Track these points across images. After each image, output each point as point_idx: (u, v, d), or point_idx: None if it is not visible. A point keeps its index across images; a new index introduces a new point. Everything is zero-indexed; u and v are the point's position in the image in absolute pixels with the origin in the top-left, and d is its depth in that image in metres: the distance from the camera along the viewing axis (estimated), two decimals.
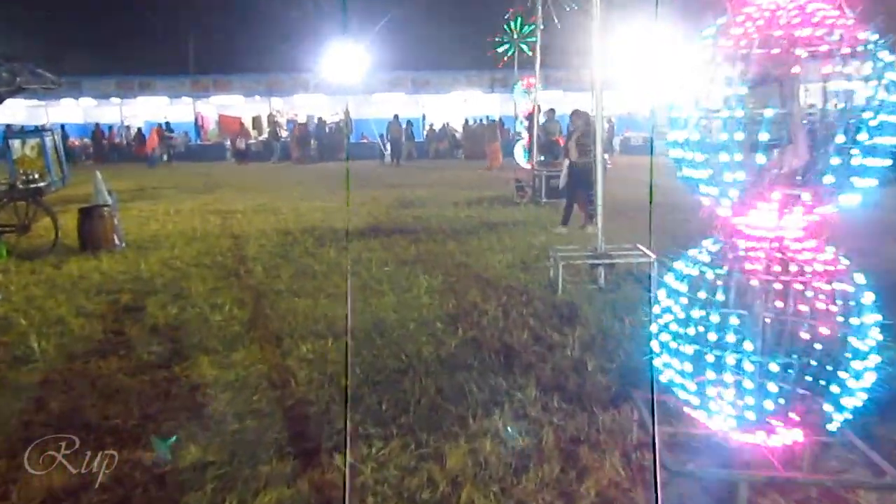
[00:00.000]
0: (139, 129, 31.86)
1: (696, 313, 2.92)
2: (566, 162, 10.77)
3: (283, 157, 29.88)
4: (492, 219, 11.78)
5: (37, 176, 8.62)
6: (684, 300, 2.97)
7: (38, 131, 9.08)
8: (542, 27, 15.23)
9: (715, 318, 2.83)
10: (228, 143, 32.11)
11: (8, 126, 27.81)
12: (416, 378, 4.67)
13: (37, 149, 8.80)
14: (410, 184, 17.91)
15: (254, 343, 5.45)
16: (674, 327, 3.04)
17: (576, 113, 10.72)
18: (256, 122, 33.78)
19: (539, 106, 16.62)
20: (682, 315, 2.99)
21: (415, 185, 17.40)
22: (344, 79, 28.75)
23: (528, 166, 17.24)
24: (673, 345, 3.04)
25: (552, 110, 19.66)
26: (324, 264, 8.29)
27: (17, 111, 33.18)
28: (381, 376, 4.73)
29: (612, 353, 5.06)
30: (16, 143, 8.83)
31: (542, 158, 15.12)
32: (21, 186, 8.50)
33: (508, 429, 3.93)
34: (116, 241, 9.22)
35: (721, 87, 2.76)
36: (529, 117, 17.87)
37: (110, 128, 33.18)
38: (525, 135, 18.77)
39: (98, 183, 9.36)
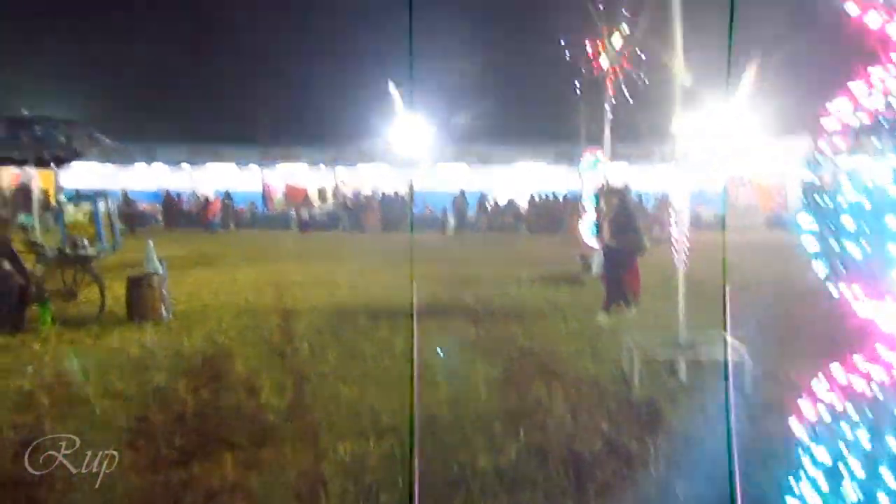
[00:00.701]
0: (206, 197, 32.48)
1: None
2: (600, 244, 10.07)
3: (346, 227, 29.91)
4: (557, 299, 11.04)
5: (86, 242, 8.38)
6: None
7: (91, 196, 8.88)
8: (612, 101, 14.67)
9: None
10: (293, 211, 32.41)
11: (60, 189, 28.88)
12: (469, 496, 3.94)
13: (88, 214, 8.60)
14: (472, 258, 17.35)
15: (286, 439, 4.82)
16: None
17: (609, 190, 10.00)
18: (321, 191, 34.12)
19: (607, 180, 15.99)
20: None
21: (476, 260, 16.84)
22: (408, 150, 28.88)
23: (596, 242, 16.52)
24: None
25: (626, 185, 19.07)
26: (375, 345, 7.68)
27: (90, 175, 34.39)
28: (429, 492, 4.01)
29: (707, 473, 4.22)
30: (69, 208, 8.66)
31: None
32: (69, 252, 8.25)
33: None
34: (163, 312, 8.85)
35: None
36: (597, 191, 17.23)
37: (179, 194, 33.94)
38: (591, 209, 18.08)
39: (149, 251, 9.08)
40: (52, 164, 9.27)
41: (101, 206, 8.76)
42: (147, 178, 34.92)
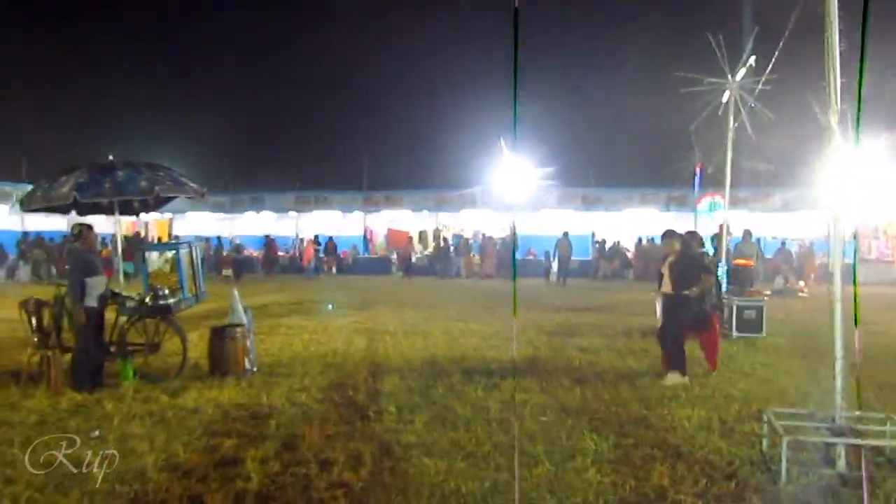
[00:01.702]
0: (301, 241, 32.85)
1: None
2: (660, 294, 8.84)
3: (447, 272, 29.43)
4: None
5: (167, 292, 8.02)
6: None
7: (174, 244, 8.57)
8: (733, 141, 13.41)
9: None
10: (395, 256, 32.25)
11: (174, 237, 29.48)
12: None
13: (171, 262, 8.27)
14: (576, 307, 16.24)
15: None
16: None
17: (669, 233, 8.77)
18: (423, 236, 33.87)
19: (727, 226, 14.67)
20: None
21: (581, 309, 15.75)
22: (511, 195, 28.22)
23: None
24: None
25: (748, 231, 17.58)
26: (468, 407, 6.86)
27: (204, 223, 35.56)
28: None
29: None
30: (153, 256, 8.36)
31: (732, 285, 13.03)
32: (150, 303, 7.90)
33: None
34: (247, 365, 8.36)
35: None
36: (714, 238, 15.90)
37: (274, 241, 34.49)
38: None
39: (234, 301, 8.67)
40: (137, 211, 9.12)
41: (184, 254, 8.41)
42: (255, 225, 35.74)
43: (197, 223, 35.64)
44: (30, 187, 9.68)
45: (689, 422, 6.36)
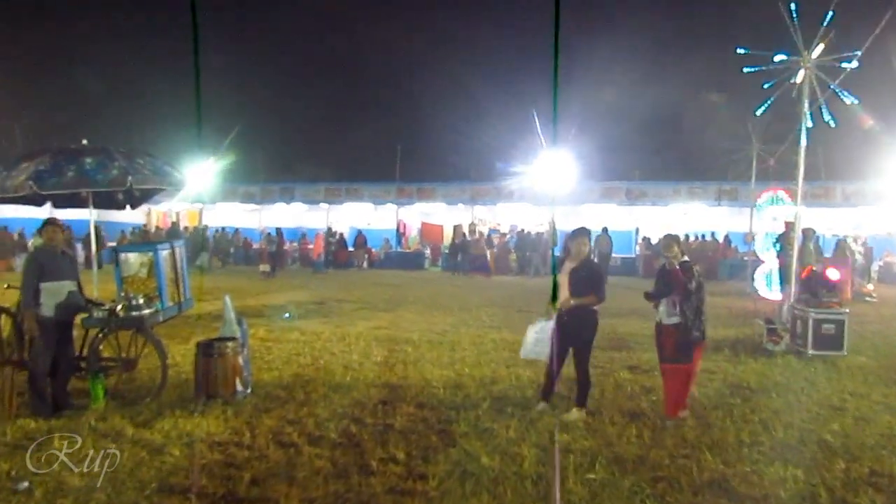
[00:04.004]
0: (341, 235, 31.68)
1: None
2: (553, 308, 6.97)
3: (480, 268, 28.05)
4: (740, 379, 8.41)
5: (141, 301, 6.77)
6: None
7: (152, 245, 7.31)
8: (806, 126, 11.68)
9: None
10: (428, 251, 30.98)
11: (203, 228, 28.18)
12: None
13: (148, 266, 7.01)
14: (620, 311, 14.52)
15: None
16: None
17: (580, 232, 7.05)
18: (457, 230, 32.50)
19: (791, 222, 13.01)
20: None
21: (626, 314, 14.09)
22: (551, 188, 26.75)
23: (778, 298, 13.53)
24: None
25: (811, 229, 15.80)
26: (496, 455, 5.48)
27: (235, 213, 34.66)
28: None
29: None
30: (130, 258, 7.10)
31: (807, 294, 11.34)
32: (121, 313, 6.66)
33: None
34: (238, 387, 7.07)
35: None
36: (780, 236, 14.22)
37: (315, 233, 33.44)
38: (770, 257, 14.96)
39: (226, 310, 7.39)
40: (122, 204, 7.89)
41: (165, 256, 7.14)
42: (287, 217, 34.75)
43: (227, 213, 34.82)
44: None
45: (785, 489, 4.90)
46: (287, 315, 13.64)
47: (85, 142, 6.97)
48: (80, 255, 9.29)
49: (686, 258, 6.74)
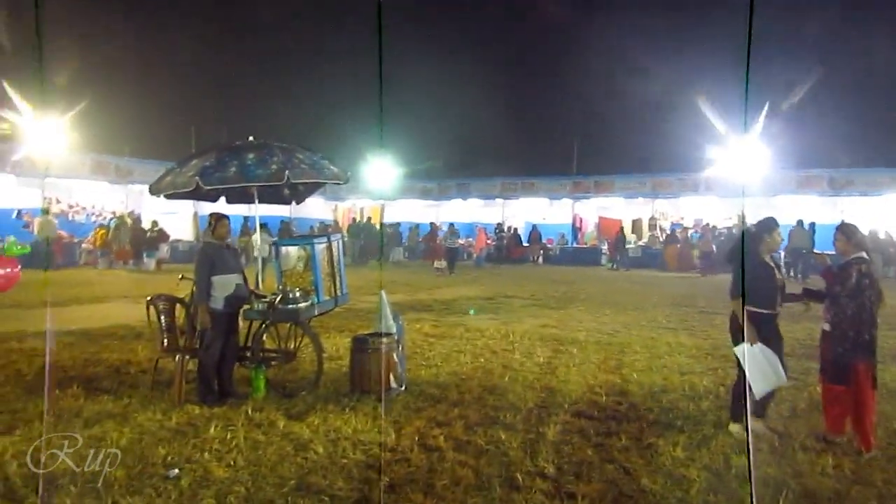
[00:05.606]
0: (515, 230, 31.43)
1: None
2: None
3: (659, 265, 26.69)
4: None
5: (297, 294, 6.82)
6: None
7: (310, 238, 7.33)
8: None
9: None
10: (605, 247, 29.96)
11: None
12: None
13: (305, 260, 7.04)
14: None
15: None
16: None
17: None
18: (636, 225, 31.15)
19: None
20: None
21: None
22: (741, 179, 24.88)
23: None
24: None
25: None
26: (658, 477, 4.86)
27: (412, 209, 35.50)
28: None
29: None
30: (291, 252, 7.19)
31: None
32: (280, 306, 6.74)
33: None
34: (392, 384, 6.96)
35: None
36: None
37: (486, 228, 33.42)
38: None
39: (383, 305, 7.29)
40: (287, 199, 8.07)
41: (321, 250, 7.15)
42: (463, 212, 35.04)
43: (408, 209, 35.76)
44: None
45: None
46: (472, 311, 13.60)
47: (251, 138, 7.14)
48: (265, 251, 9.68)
49: (862, 253, 5.71)
